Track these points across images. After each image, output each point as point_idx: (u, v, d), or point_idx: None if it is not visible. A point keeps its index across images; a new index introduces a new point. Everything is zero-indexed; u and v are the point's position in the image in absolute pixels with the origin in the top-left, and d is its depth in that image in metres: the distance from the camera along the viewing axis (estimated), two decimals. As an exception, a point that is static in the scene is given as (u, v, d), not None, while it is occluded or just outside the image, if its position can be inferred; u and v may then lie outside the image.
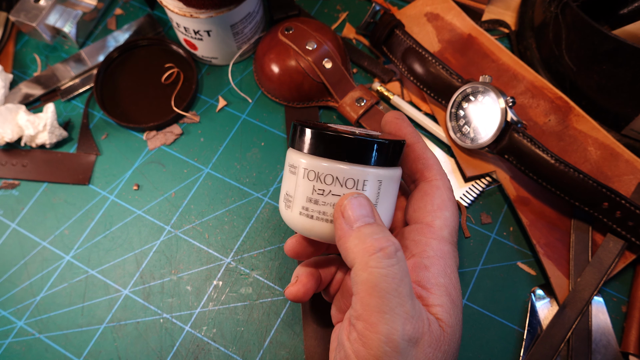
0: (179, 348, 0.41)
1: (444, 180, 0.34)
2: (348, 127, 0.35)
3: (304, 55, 0.47)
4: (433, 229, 0.32)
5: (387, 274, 0.27)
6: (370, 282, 0.27)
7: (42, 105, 0.51)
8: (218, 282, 0.43)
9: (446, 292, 0.30)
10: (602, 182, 0.42)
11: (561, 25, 0.45)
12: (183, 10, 0.45)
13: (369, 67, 0.51)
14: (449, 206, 0.33)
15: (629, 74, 0.41)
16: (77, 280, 0.44)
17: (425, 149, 0.34)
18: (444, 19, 0.51)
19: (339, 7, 0.55)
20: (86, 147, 0.49)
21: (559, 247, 0.42)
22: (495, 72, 0.48)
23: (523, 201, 0.44)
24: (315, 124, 0.33)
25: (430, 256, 0.31)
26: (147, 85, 0.51)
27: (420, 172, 0.34)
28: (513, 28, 0.53)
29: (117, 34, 0.54)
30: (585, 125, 0.45)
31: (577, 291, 0.40)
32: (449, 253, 0.31)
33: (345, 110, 0.47)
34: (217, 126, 0.50)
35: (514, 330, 0.41)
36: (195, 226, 0.45)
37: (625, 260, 0.42)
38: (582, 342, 0.39)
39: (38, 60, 0.54)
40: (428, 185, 0.33)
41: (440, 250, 0.31)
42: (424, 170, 0.34)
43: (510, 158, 0.43)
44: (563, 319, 0.39)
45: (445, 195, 0.33)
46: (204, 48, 0.49)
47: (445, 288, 0.30)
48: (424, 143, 0.35)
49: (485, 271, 0.43)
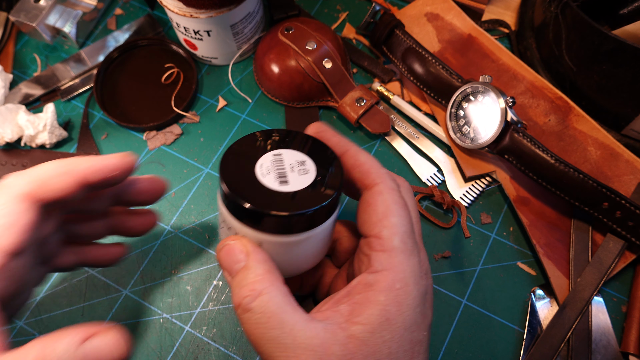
0: (178, 348, 0.41)
1: (386, 182, 0.31)
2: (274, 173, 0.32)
3: (304, 55, 0.47)
4: (381, 240, 0.29)
5: (252, 325, 0.28)
6: (247, 333, 0.28)
7: (42, 105, 0.51)
8: (218, 282, 0.43)
9: (382, 310, 0.28)
10: (602, 182, 0.42)
11: (561, 25, 0.45)
12: (183, 10, 0.45)
13: (369, 67, 0.51)
14: (395, 210, 0.30)
15: (629, 74, 0.41)
16: (77, 280, 0.44)
17: (358, 154, 0.32)
18: (444, 19, 0.51)
19: (339, 7, 0.55)
20: (86, 147, 0.49)
21: (559, 247, 0.42)
22: (495, 72, 0.48)
23: (523, 201, 0.44)
24: (238, 176, 0.31)
25: (378, 271, 0.29)
26: (147, 85, 0.51)
27: (360, 181, 0.31)
28: (513, 28, 0.53)
29: (117, 34, 0.54)
30: (585, 125, 0.45)
31: (577, 291, 0.40)
32: (400, 264, 0.29)
33: (345, 110, 0.47)
34: (217, 126, 0.50)
35: (514, 330, 0.41)
36: (195, 226, 0.45)
37: (625, 260, 0.42)
38: (582, 342, 0.39)
39: (38, 60, 0.54)
40: (369, 193, 0.31)
41: (389, 263, 0.29)
42: (363, 179, 0.31)
43: (510, 158, 0.43)
44: (563, 319, 0.39)
45: (389, 199, 0.30)
46: (204, 48, 0.49)
47: (383, 306, 0.28)
48: (356, 148, 0.32)
49: (485, 271, 0.43)
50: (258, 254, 0.29)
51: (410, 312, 0.28)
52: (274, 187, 0.30)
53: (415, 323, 0.29)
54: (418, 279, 0.29)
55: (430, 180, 0.46)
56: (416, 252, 0.30)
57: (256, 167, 0.31)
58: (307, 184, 0.30)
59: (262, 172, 0.30)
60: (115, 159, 0.32)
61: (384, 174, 0.31)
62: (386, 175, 0.31)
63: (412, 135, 0.48)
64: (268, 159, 0.31)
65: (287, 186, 0.30)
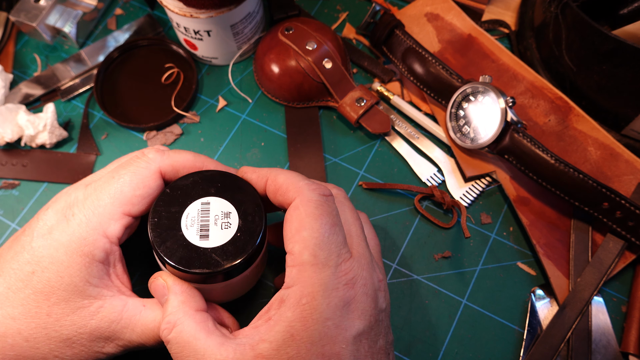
0: (179, 348, 0.41)
1: (303, 195, 0.31)
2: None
3: (304, 55, 0.47)
4: (293, 256, 0.30)
5: (173, 355, 0.30)
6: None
7: (42, 105, 0.51)
8: (218, 282, 0.43)
9: (287, 326, 0.28)
10: (602, 182, 0.42)
11: (561, 26, 0.45)
12: (183, 10, 0.45)
13: (369, 67, 0.51)
14: (307, 223, 0.30)
15: (629, 74, 0.41)
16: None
17: (276, 177, 0.33)
18: (444, 19, 0.51)
19: (339, 7, 0.55)
20: (86, 147, 0.49)
21: (559, 248, 0.42)
22: (495, 72, 0.48)
23: (523, 201, 0.44)
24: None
25: (289, 287, 0.29)
26: (147, 85, 0.51)
27: (284, 203, 0.32)
28: (513, 28, 0.53)
29: (117, 34, 0.54)
30: (585, 126, 0.45)
31: (577, 291, 0.40)
32: (309, 279, 0.29)
33: (345, 110, 0.47)
34: (217, 126, 0.50)
35: (514, 330, 0.41)
36: (195, 226, 0.45)
37: (625, 260, 0.42)
38: (582, 342, 0.39)
39: (38, 60, 0.54)
40: (288, 210, 0.31)
41: (298, 279, 0.29)
42: (284, 199, 0.32)
43: (510, 158, 0.43)
44: (563, 319, 0.40)
45: (302, 213, 0.30)
46: (204, 48, 0.49)
47: (289, 322, 0.28)
48: (275, 172, 0.33)
49: (485, 271, 0.43)
50: (176, 287, 0.32)
51: (318, 326, 0.28)
52: (195, 242, 0.32)
53: (327, 336, 0.28)
54: (330, 291, 0.29)
55: (430, 180, 0.47)
56: (332, 262, 0.29)
57: (182, 217, 0.32)
58: (227, 240, 0.32)
59: (187, 223, 0.32)
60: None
61: (302, 187, 0.31)
62: (305, 188, 0.31)
63: (412, 135, 0.48)
64: (195, 208, 0.33)
65: (207, 242, 0.32)
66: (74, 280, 0.31)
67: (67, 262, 0.31)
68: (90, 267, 0.32)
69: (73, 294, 0.31)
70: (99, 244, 0.32)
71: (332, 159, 0.48)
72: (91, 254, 0.32)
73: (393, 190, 0.46)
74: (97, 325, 0.32)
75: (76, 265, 0.31)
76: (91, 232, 0.32)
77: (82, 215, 0.32)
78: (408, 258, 0.44)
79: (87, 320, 0.31)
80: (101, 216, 0.32)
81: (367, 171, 0.47)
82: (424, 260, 0.44)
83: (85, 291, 0.31)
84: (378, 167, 0.47)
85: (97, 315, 0.32)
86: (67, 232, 0.32)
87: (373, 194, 0.46)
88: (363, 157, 0.48)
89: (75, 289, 0.31)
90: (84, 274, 0.31)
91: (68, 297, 0.31)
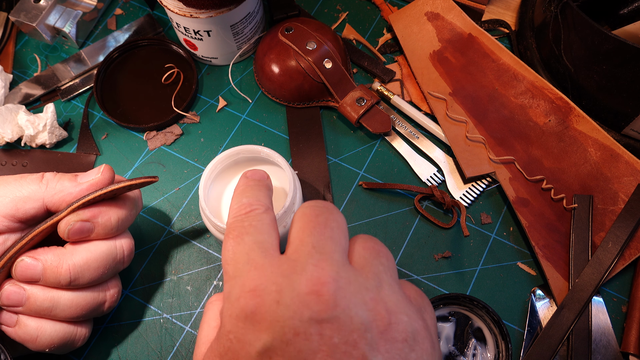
0: (178, 348, 0.41)
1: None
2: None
3: (304, 55, 0.47)
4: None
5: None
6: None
7: (42, 105, 0.51)
8: (218, 282, 0.43)
9: (216, 340, 0.28)
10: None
11: (561, 25, 0.45)
12: (183, 10, 0.45)
13: (369, 67, 0.51)
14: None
15: (629, 74, 0.41)
16: (77, 281, 0.44)
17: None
18: (444, 18, 0.51)
19: (339, 7, 0.55)
20: (86, 147, 0.49)
21: (558, 249, 0.42)
22: (496, 72, 0.48)
23: (522, 202, 0.44)
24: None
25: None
26: (147, 85, 0.51)
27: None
28: (513, 28, 0.53)
29: (117, 34, 0.54)
30: (586, 126, 0.45)
31: (575, 292, 0.40)
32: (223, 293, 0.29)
33: (345, 110, 0.47)
34: (218, 126, 0.50)
35: (514, 330, 0.41)
36: (195, 226, 0.45)
37: (625, 261, 0.42)
38: (582, 342, 0.39)
39: (38, 60, 0.54)
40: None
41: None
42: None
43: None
44: (561, 319, 0.40)
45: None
46: (204, 48, 0.49)
47: (216, 335, 0.28)
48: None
49: (485, 271, 0.43)
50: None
51: (223, 339, 0.27)
52: None
53: (230, 351, 0.27)
54: (232, 301, 0.27)
55: (430, 180, 0.47)
56: (239, 273, 0.28)
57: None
58: None
59: None
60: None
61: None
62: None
63: (412, 135, 0.48)
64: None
65: None
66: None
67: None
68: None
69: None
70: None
71: (332, 159, 0.48)
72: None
73: (393, 190, 0.46)
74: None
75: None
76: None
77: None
78: (408, 258, 0.44)
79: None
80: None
81: (367, 171, 0.47)
82: (424, 260, 0.44)
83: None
84: (378, 167, 0.47)
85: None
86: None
87: (373, 194, 0.46)
88: (363, 157, 0.48)
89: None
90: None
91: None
